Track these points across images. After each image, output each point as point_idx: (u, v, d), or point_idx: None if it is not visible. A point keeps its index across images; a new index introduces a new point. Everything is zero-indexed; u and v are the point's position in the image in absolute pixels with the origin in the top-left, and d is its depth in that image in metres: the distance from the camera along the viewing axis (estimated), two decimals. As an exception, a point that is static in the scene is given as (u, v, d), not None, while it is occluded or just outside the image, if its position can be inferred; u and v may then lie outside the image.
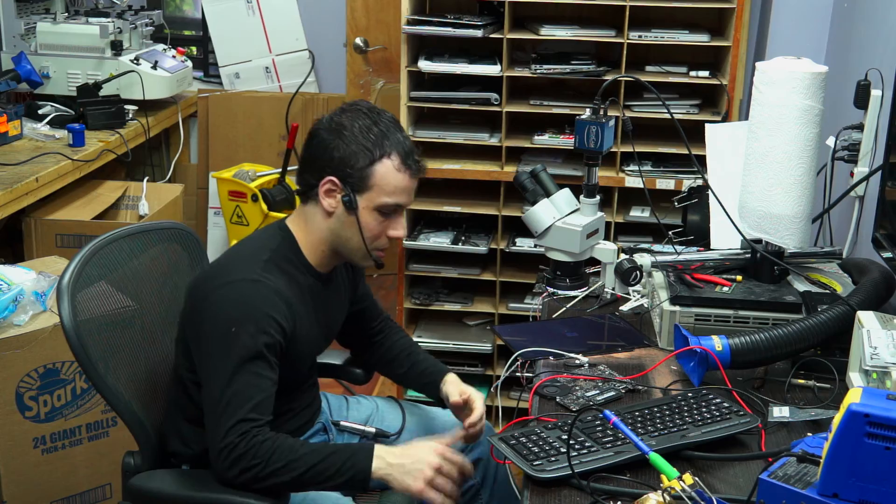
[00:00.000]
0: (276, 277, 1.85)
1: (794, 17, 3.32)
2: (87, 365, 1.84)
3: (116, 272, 2.00)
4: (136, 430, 1.91)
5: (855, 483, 1.33)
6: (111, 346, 1.93)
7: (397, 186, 1.86)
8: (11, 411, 2.53)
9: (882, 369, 1.70)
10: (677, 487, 1.39)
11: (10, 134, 3.53)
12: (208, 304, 1.82)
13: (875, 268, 2.05)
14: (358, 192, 1.85)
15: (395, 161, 1.85)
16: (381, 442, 2.09)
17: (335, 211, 1.88)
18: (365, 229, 1.87)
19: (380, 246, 1.92)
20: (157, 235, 2.12)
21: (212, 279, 1.87)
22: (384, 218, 1.89)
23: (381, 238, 1.91)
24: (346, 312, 2.14)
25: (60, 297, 1.84)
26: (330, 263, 1.97)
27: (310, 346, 1.98)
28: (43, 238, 3.43)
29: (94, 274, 1.93)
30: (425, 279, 3.58)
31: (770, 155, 2.08)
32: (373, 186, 1.85)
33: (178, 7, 5.35)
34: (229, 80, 4.90)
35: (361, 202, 1.86)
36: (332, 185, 1.86)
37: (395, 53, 4.09)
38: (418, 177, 1.90)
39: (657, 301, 2.12)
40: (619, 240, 3.29)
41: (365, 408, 2.25)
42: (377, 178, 1.84)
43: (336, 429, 2.18)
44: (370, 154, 1.84)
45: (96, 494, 2.73)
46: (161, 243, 2.12)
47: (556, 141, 3.32)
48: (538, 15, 3.40)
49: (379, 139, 1.85)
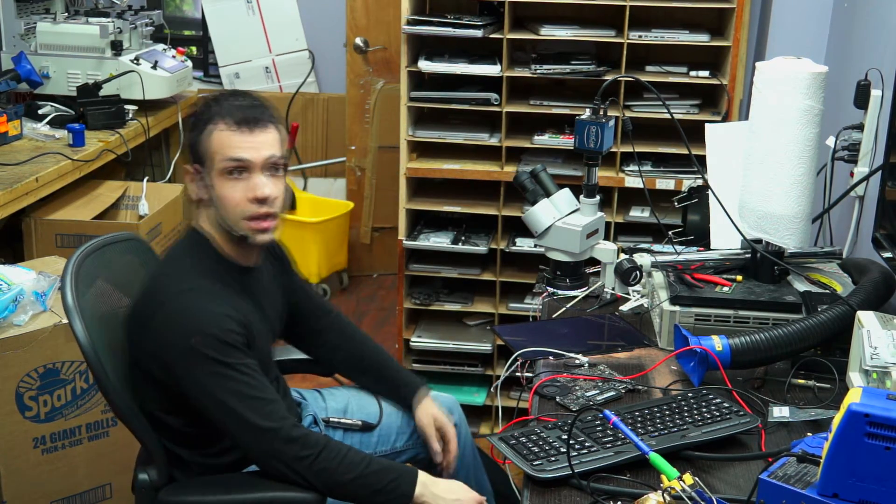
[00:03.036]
0: (205, 280, 1.86)
1: (794, 17, 3.32)
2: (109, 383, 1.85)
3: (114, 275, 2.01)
4: (152, 444, 1.90)
5: (855, 483, 1.33)
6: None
7: (230, 144, 1.85)
8: (11, 411, 2.53)
9: (882, 369, 1.70)
10: (677, 487, 1.39)
11: (10, 134, 3.53)
12: (155, 332, 1.82)
13: (875, 268, 2.05)
14: (205, 168, 1.87)
15: (221, 123, 1.86)
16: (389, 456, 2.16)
17: (202, 195, 1.90)
18: (224, 199, 1.86)
19: (247, 213, 1.86)
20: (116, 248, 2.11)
21: (147, 307, 1.86)
22: (237, 181, 1.86)
23: (242, 204, 1.86)
24: (285, 303, 2.13)
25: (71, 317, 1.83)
26: (245, 252, 1.95)
27: (261, 338, 1.95)
28: (43, 238, 3.43)
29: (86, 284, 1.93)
30: (425, 279, 3.58)
31: (770, 155, 2.08)
32: (211, 154, 1.86)
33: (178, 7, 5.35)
34: (229, 80, 4.90)
35: (212, 175, 1.87)
36: (190, 172, 1.90)
37: (395, 53, 4.10)
38: (259, 127, 1.87)
39: (657, 301, 2.12)
40: (619, 240, 3.29)
41: (340, 399, 2.26)
42: (211, 146, 1.86)
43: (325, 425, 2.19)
44: (199, 128, 1.87)
45: (96, 494, 2.73)
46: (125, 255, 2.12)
47: (556, 141, 3.32)
48: (538, 15, 3.40)
49: (205, 112, 1.88)
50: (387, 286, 4.71)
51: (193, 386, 1.80)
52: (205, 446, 1.93)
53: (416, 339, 3.52)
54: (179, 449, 1.93)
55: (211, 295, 1.84)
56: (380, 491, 1.81)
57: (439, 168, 3.38)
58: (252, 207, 1.86)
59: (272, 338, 2.07)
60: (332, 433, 2.17)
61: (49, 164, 3.35)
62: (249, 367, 1.81)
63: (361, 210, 4.73)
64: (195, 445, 1.93)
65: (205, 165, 1.87)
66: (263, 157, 1.86)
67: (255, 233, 1.88)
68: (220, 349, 1.77)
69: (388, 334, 4.15)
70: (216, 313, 1.80)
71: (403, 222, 3.43)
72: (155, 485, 1.90)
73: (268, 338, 2.02)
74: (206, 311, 1.80)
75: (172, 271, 1.90)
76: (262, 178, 1.86)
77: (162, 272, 1.92)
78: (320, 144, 4.89)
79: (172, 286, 1.85)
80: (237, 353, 1.80)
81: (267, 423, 1.78)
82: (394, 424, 2.21)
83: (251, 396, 1.79)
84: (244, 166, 1.85)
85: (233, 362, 1.78)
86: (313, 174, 4.84)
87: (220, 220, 1.89)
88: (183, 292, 1.83)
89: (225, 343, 1.78)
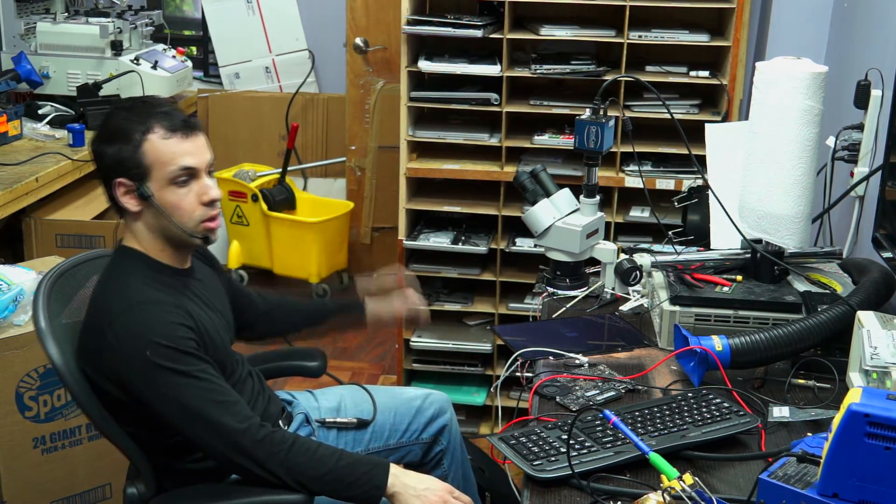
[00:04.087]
0: (149, 290, 1.85)
1: (794, 17, 3.32)
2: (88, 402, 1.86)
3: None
4: (137, 458, 1.90)
5: (855, 483, 1.33)
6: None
7: (173, 152, 1.84)
8: (11, 411, 2.53)
9: (882, 369, 1.70)
10: (677, 487, 1.39)
11: (10, 134, 3.54)
12: (108, 352, 1.80)
13: (875, 268, 2.05)
14: (145, 180, 1.85)
15: (159, 131, 1.84)
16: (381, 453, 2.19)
17: (141, 207, 1.87)
18: (174, 208, 1.85)
19: (201, 217, 1.87)
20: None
21: (94, 332, 1.84)
22: (186, 188, 1.85)
23: (197, 209, 1.87)
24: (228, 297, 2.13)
25: (45, 339, 1.83)
26: (181, 257, 1.95)
27: (217, 337, 1.94)
28: (43, 238, 3.43)
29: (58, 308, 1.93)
30: (425, 279, 3.57)
31: (770, 155, 2.08)
32: (152, 165, 1.84)
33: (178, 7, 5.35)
34: (229, 80, 4.90)
35: (153, 186, 1.85)
36: (123, 186, 1.86)
37: (395, 53, 4.09)
38: (194, 133, 1.87)
39: (657, 301, 2.12)
40: (619, 240, 3.29)
41: (332, 398, 2.27)
42: (151, 156, 1.83)
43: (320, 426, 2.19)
44: (133, 139, 1.83)
45: (96, 494, 2.73)
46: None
47: (556, 141, 3.32)
48: (538, 15, 3.39)
49: (134, 122, 1.84)
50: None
51: (155, 399, 1.78)
52: (190, 453, 1.93)
53: (416, 339, 3.52)
54: (165, 459, 1.92)
55: (157, 304, 1.82)
56: (353, 484, 1.81)
57: (439, 168, 3.38)
58: (206, 210, 1.88)
59: (229, 334, 2.06)
60: (326, 433, 2.18)
61: (49, 164, 3.35)
62: (206, 371, 1.80)
63: (361, 210, 4.73)
64: (179, 454, 1.93)
65: (144, 178, 1.84)
66: (205, 161, 1.88)
67: (211, 232, 1.90)
68: (174, 358, 1.76)
69: (388, 334, 4.15)
70: (165, 322, 1.79)
71: (403, 222, 3.43)
72: (144, 497, 1.91)
73: (225, 336, 2.00)
74: (155, 323, 1.79)
75: (113, 292, 1.86)
76: (209, 181, 1.88)
77: (103, 296, 1.89)
78: (320, 144, 4.89)
79: (116, 306, 1.82)
80: (192, 359, 1.79)
81: (231, 424, 1.77)
82: (387, 422, 2.22)
83: (212, 401, 1.78)
84: (192, 173, 1.85)
85: (189, 370, 1.77)
86: (313, 174, 4.85)
87: (168, 229, 1.87)
88: (129, 308, 1.80)
89: (178, 351, 1.77)
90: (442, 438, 2.27)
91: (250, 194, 4.42)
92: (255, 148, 4.83)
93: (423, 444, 2.25)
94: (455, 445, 2.29)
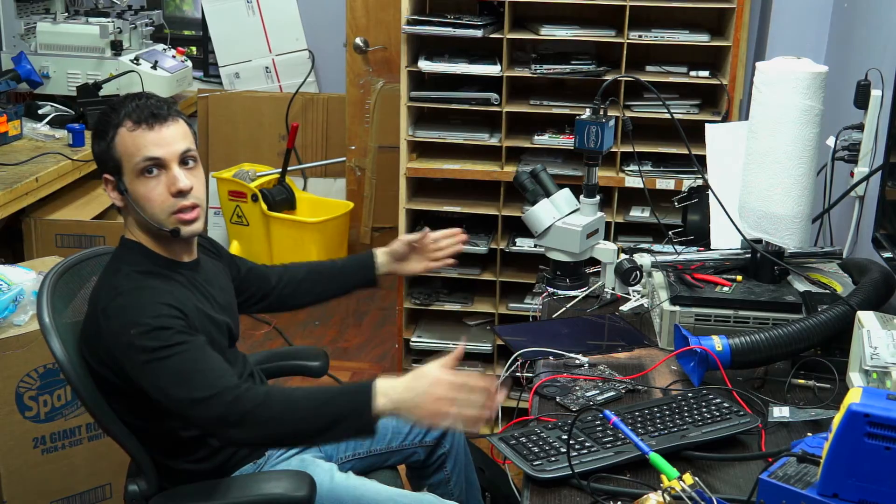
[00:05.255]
0: (142, 278, 1.86)
1: (794, 17, 3.32)
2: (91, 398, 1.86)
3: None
4: (139, 454, 1.90)
5: (855, 483, 1.33)
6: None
7: (139, 144, 1.84)
8: (11, 411, 2.54)
9: (882, 369, 1.70)
10: (677, 487, 1.39)
11: (10, 134, 3.54)
12: (103, 340, 1.82)
13: (875, 268, 2.05)
14: (120, 174, 1.87)
15: (127, 124, 1.85)
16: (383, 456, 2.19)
17: (124, 202, 1.89)
18: (146, 199, 1.86)
19: (174, 207, 1.86)
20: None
21: (92, 320, 1.86)
22: (155, 179, 1.85)
23: (166, 200, 1.86)
24: (234, 283, 2.13)
25: (48, 336, 1.85)
26: (178, 249, 1.95)
27: (213, 329, 1.94)
28: (43, 238, 3.44)
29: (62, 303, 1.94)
30: (425, 279, 3.58)
31: (770, 155, 2.07)
32: (122, 158, 1.85)
33: (178, 7, 5.35)
34: (229, 80, 4.90)
35: (127, 179, 1.86)
36: (107, 181, 1.90)
37: (395, 53, 4.10)
38: (162, 123, 1.86)
39: (657, 301, 2.12)
40: (619, 240, 3.29)
41: None
42: (120, 150, 1.85)
43: None
44: (106, 134, 1.87)
45: (96, 494, 2.73)
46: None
47: (556, 141, 3.32)
48: (538, 15, 3.40)
49: (107, 117, 1.88)
50: (387, 286, 4.70)
51: (144, 379, 1.78)
52: (190, 453, 1.93)
53: (416, 339, 3.52)
54: (167, 459, 1.93)
55: (147, 290, 1.83)
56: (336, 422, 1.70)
57: (439, 168, 3.38)
58: (176, 201, 1.87)
59: (231, 330, 2.04)
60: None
61: (49, 164, 3.35)
62: (193, 343, 1.78)
63: (361, 210, 4.73)
64: (180, 454, 1.93)
65: (119, 172, 1.86)
66: (175, 151, 1.86)
67: (183, 224, 1.88)
68: (157, 335, 1.76)
69: (388, 334, 4.15)
70: (149, 303, 1.80)
71: (403, 222, 3.43)
72: (145, 494, 1.91)
73: (223, 329, 1.99)
74: (139, 304, 1.80)
75: (110, 283, 1.88)
76: (180, 171, 1.87)
77: (101, 287, 1.91)
78: (320, 144, 4.89)
79: (111, 292, 1.84)
80: (176, 334, 1.78)
81: (208, 392, 1.73)
82: (389, 424, 2.21)
83: (195, 370, 1.75)
84: (159, 164, 1.85)
85: (170, 343, 1.76)
86: (313, 174, 4.85)
87: (146, 222, 1.88)
88: (121, 293, 1.82)
89: (160, 328, 1.77)
90: (445, 441, 2.26)
91: (250, 194, 4.42)
92: (254, 148, 4.83)
93: (426, 447, 2.24)
94: (458, 448, 2.28)
